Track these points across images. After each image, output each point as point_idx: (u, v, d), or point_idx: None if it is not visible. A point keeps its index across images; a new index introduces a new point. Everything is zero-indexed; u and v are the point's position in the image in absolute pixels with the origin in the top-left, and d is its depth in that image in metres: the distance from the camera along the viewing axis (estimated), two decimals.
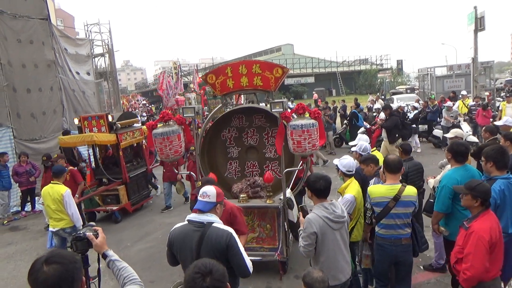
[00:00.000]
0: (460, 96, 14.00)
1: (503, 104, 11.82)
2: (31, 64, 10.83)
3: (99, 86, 15.86)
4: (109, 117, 8.21)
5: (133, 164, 9.10)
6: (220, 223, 2.87)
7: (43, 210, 6.87)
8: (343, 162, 4.33)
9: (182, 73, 26.12)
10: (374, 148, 6.26)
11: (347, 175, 4.31)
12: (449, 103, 13.00)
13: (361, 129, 11.83)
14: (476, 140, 9.02)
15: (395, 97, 22.03)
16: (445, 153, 4.41)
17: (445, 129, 11.83)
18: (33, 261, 1.67)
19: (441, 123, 12.72)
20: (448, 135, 5.94)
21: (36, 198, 9.24)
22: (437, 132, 12.69)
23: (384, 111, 10.36)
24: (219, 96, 5.64)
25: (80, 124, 8.25)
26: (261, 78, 5.28)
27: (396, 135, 9.81)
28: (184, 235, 2.84)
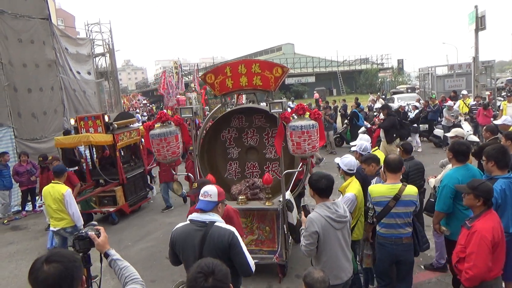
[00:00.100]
0: (461, 96, 13.97)
1: (504, 104, 11.79)
2: (32, 64, 10.84)
3: (100, 86, 15.88)
4: (105, 117, 8.04)
5: (130, 164, 8.95)
6: (222, 222, 2.88)
7: (43, 210, 6.87)
8: (345, 160, 4.34)
9: (182, 72, 26.10)
10: (375, 147, 6.23)
11: (348, 174, 4.31)
12: (450, 102, 13.00)
13: (361, 129, 11.82)
14: (477, 139, 9.03)
15: (395, 96, 21.97)
16: (446, 152, 4.41)
17: (446, 128, 11.82)
18: (33, 261, 1.67)
19: (442, 122, 12.73)
20: (449, 134, 5.94)
21: (36, 198, 9.25)
22: (438, 131, 12.66)
23: (382, 111, 10.30)
24: (220, 96, 5.59)
25: (76, 125, 8.13)
26: (261, 77, 5.19)
27: (394, 135, 9.78)
28: (186, 235, 2.84)
